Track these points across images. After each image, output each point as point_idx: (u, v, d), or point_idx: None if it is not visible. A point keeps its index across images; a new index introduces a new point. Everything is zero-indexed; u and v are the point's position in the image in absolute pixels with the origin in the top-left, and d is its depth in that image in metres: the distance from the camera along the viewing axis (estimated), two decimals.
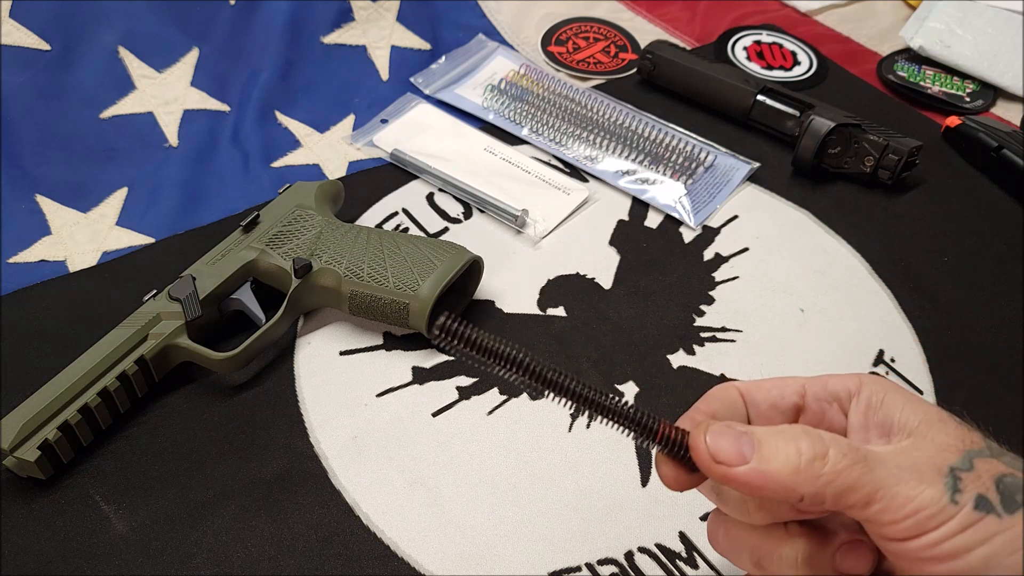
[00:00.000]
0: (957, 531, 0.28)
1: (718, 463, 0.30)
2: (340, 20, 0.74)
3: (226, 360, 0.47)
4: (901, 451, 0.30)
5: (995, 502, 0.28)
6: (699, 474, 0.32)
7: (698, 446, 0.31)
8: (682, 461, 0.32)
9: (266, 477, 0.45)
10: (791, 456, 0.29)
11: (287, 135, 0.67)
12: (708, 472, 0.31)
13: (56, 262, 0.57)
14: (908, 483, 0.29)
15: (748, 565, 0.34)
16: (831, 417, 0.34)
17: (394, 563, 0.42)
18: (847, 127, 0.63)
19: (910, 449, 0.30)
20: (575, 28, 0.80)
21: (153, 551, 0.42)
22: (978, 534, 0.28)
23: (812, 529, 0.33)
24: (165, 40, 0.69)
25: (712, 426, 0.31)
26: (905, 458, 0.30)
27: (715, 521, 0.36)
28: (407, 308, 0.49)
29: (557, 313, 0.54)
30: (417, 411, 0.49)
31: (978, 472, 0.29)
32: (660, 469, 0.33)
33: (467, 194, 0.62)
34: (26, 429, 0.43)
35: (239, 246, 0.52)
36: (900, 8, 0.85)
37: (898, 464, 0.29)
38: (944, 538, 0.28)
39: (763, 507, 0.33)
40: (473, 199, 0.61)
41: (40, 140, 0.63)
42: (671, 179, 0.63)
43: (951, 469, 0.29)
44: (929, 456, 0.29)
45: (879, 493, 0.29)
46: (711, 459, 0.31)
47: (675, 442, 0.32)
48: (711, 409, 0.35)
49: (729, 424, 0.31)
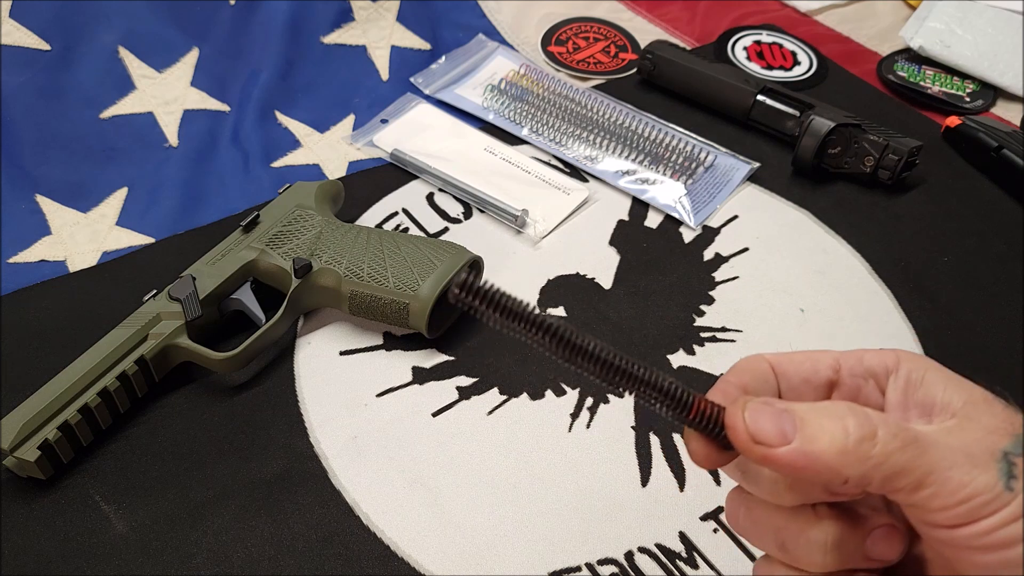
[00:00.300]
0: (1011, 519, 0.26)
1: (758, 443, 0.28)
2: (340, 20, 0.74)
3: (226, 360, 0.47)
4: (948, 432, 0.28)
5: None
6: (731, 452, 0.30)
7: (735, 424, 0.28)
8: (715, 438, 0.30)
9: (266, 477, 0.45)
10: (837, 436, 0.27)
11: (287, 135, 0.67)
12: (747, 452, 0.28)
13: (56, 262, 0.57)
14: (961, 467, 0.27)
15: (772, 547, 0.32)
16: (867, 394, 0.32)
17: (394, 563, 0.42)
18: (847, 127, 0.63)
19: (956, 430, 0.28)
20: (575, 28, 0.80)
21: (153, 551, 0.42)
22: None
23: (842, 512, 0.31)
24: (165, 40, 0.69)
25: (750, 403, 0.29)
26: (955, 440, 0.28)
27: (736, 500, 0.33)
28: (407, 308, 0.49)
29: (557, 313, 0.54)
30: (417, 411, 0.49)
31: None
32: (690, 445, 0.31)
33: (467, 194, 0.62)
34: (26, 429, 0.43)
35: (239, 246, 0.52)
36: (900, 8, 0.85)
37: (949, 446, 0.27)
38: (997, 526, 0.27)
39: (795, 488, 0.31)
40: (473, 199, 0.61)
41: (40, 140, 0.63)
42: (671, 179, 0.63)
43: (1004, 453, 0.27)
44: (979, 439, 0.28)
45: (931, 477, 0.27)
46: (750, 439, 0.28)
47: (709, 418, 0.29)
48: (742, 382, 0.32)
49: (768, 400, 0.29)
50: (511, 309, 0.27)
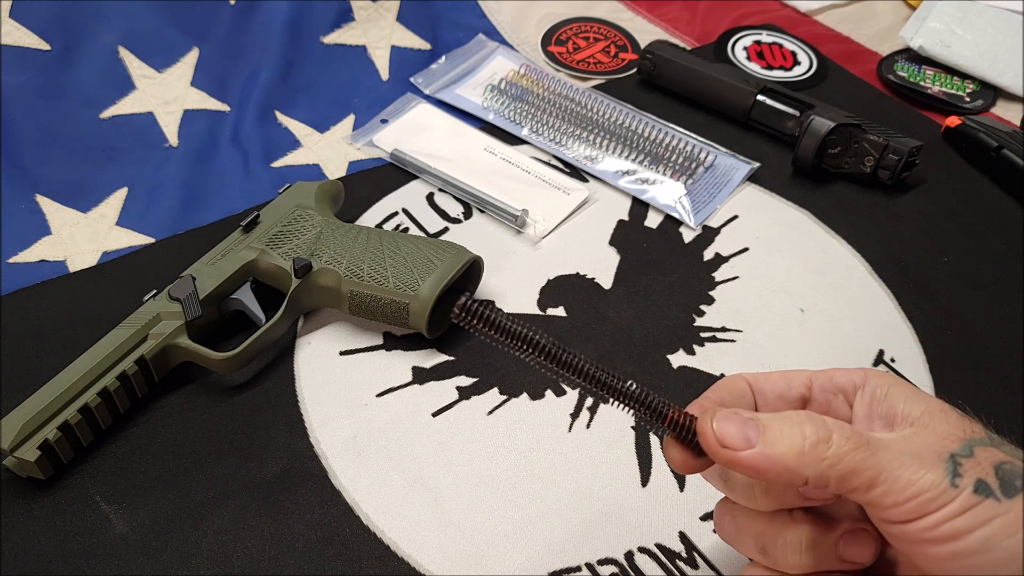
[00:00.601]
0: (956, 513, 0.29)
1: (724, 447, 0.31)
2: (340, 20, 0.74)
3: (226, 360, 0.47)
4: (904, 438, 0.31)
5: (994, 487, 0.29)
6: (706, 459, 0.33)
7: (705, 431, 0.32)
8: (690, 445, 0.33)
9: (266, 477, 0.45)
10: (795, 440, 0.30)
11: (287, 135, 0.67)
12: (715, 456, 0.32)
13: (56, 262, 0.57)
14: (910, 467, 0.30)
15: (754, 551, 0.35)
16: (836, 408, 0.35)
17: (394, 563, 0.42)
18: (847, 127, 0.63)
19: (912, 436, 0.31)
20: (575, 28, 0.80)
21: (153, 551, 0.42)
22: (977, 517, 0.29)
23: (817, 516, 0.34)
24: (165, 40, 0.69)
25: (719, 412, 0.32)
26: (907, 444, 0.31)
27: (722, 509, 0.36)
28: (407, 308, 0.49)
29: (557, 313, 0.54)
30: (417, 411, 0.49)
31: (978, 459, 0.30)
32: (668, 452, 0.34)
33: (467, 194, 0.62)
34: (26, 429, 0.43)
35: (239, 246, 0.52)
36: (900, 8, 0.85)
37: (900, 449, 0.30)
38: (944, 520, 0.29)
39: (769, 492, 0.34)
40: (473, 199, 0.61)
41: (40, 140, 0.63)
42: (671, 179, 0.63)
43: (952, 455, 0.30)
44: (930, 443, 0.30)
45: (881, 476, 0.30)
46: (717, 444, 0.31)
47: (683, 426, 0.33)
48: (720, 398, 0.35)
49: (736, 411, 0.32)
50: (507, 329, 0.31)
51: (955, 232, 0.61)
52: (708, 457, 0.33)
